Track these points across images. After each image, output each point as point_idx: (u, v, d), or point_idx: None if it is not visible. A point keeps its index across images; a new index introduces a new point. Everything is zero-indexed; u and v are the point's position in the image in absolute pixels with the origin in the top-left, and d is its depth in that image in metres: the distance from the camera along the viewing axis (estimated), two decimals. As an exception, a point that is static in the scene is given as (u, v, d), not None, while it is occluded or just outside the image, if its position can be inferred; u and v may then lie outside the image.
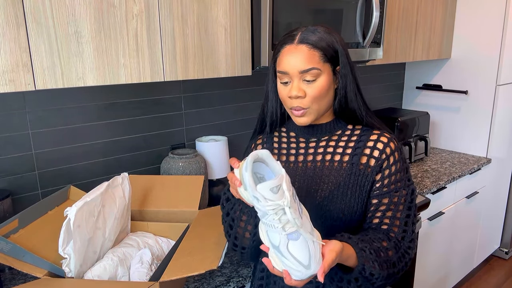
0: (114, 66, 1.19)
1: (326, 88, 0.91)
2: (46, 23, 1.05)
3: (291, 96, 0.91)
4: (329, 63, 0.91)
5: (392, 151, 0.95)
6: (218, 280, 1.22)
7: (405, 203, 0.94)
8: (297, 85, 0.90)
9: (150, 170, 1.74)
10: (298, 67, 0.89)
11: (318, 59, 0.89)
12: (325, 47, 0.90)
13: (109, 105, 1.58)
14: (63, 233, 1.04)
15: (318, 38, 0.90)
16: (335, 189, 0.93)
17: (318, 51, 0.89)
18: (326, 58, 0.90)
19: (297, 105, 0.91)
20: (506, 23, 2.32)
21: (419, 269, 2.16)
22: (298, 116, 0.93)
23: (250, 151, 1.08)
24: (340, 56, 0.92)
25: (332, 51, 0.91)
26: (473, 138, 2.58)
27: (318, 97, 0.91)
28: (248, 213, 0.93)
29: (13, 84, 1.03)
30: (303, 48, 0.89)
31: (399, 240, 0.92)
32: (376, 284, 0.87)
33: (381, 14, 1.80)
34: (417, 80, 2.81)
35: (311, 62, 0.89)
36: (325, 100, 0.93)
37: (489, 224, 2.76)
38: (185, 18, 1.30)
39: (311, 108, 0.92)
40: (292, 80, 0.91)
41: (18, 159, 1.40)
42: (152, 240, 1.31)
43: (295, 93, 0.90)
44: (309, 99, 0.91)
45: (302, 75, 0.89)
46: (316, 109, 0.93)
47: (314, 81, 0.90)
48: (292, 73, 0.90)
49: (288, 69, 0.90)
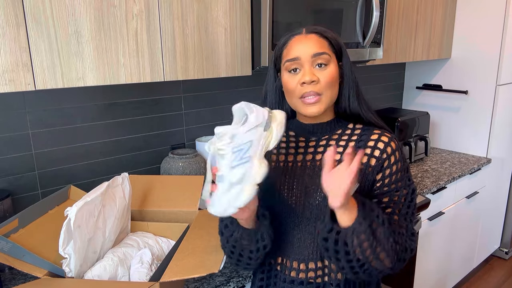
0: (114, 66, 1.19)
1: (335, 77, 0.92)
2: (46, 23, 1.05)
3: (305, 81, 0.89)
4: (335, 54, 0.93)
5: (393, 150, 0.95)
6: (218, 280, 1.22)
7: (405, 202, 0.94)
8: (309, 70, 0.89)
9: (150, 170, 1.74)
10: (310, 51, 0.89)
11: (328, 47, 0.92)
12: (332, 38, 0.93)
13: (109, 105, 1.58)
14: (63, 233, 1.03)
15: (324, 30, 0.93)
16: None
17: (326, 40, 0.92)
18: (333, 48, 0.92)
19: (311, 90, 0.89)
20: (506, 23, 2.32)
21: (419, 269, 2.16)
22: (310, 103, 0.90)
23: None
24: (344, 52, 0.95)
25: (338, 44, 0.94)
26: (473, 138, 2.58)
27: (331, 82, 0.90)
28: (249, 238, 0.92)
29: (13, 84, 1.03)
30: (313, 36, 0.91)
31: (401, 228, 0.91)
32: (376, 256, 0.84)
33: (381, 14, 1.80)
34: (417, 80, 2.81)
35: (323, 47, 0.90)
36: (335, 89, 0.93)
37: (489, 224, 2.76)
38: (185, 18, 1.30)
39: (325, 95, 0.90)
40: (303, 66, 0.90)
41: (18, 159, 1.40)
42: (152, 240, 1.31)
43: (309, 78, 0.88)
44: (323, 84, 0.89)
45: (314, 59, 0.89)
46: (329, 97, 0.91)
47: (326, 66, 0.90)
48: (304, 58, 0.89)
49: (300, 53, 0.90)
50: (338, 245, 0.84)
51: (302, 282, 0.96)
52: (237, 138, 0.79)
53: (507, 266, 2.93)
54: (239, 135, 0.80)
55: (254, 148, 0.80)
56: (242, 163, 0.79)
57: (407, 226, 0.93)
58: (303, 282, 0.96)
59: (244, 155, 0.79)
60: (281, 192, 0.97)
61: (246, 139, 0.79)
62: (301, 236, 0.96)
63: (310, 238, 0.96)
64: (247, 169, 0.79)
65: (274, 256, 1.01)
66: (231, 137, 0.79)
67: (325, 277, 0.96)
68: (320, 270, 0.96)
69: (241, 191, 0.79)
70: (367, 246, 0.82)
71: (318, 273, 0.96)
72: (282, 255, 0.99)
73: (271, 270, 1.02)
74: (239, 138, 0.79)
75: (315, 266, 0.96)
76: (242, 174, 0.79)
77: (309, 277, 0.96)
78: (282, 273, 0.99)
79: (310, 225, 0.95)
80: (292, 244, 0.97)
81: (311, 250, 0.95)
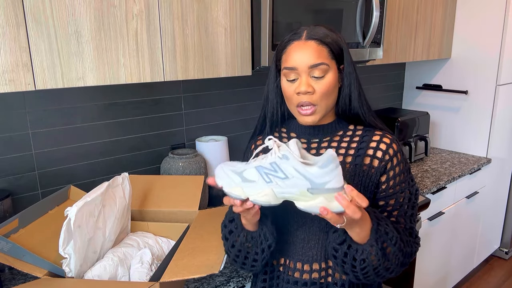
0: (114, 66, 1.19)
1: (334, 85, 0.91)
2: (46, 22, 1.05)
3: (300, 92, 0.89)
4: (335, 60, 0.91)
5: (395, 152, 0.95)
6: (218, 280, 1.22)
7: (409, 203, 0.95)
8: (305, 80, 0.89)
9: (150, 170, 1.74)
10: (307, 62, 0.88)
11: (327, 55, 0.89)
12: (332, 43, 0.90)
13: (109, 105, 1.58)
14: (63, 233, 1.03)
15: (324, 34, 0.90)
16: None
17: (326, 47, 0.90)
18: (333, 54, 0.90)
19: (306, 100, 0.89)
20: (506, 23, 2.32)
21: (419, 269, 2.16)
22: (306, 114, 0.91)
23: (250, 151, 1.07)
24: (345, 53, 0.93)
25: (338, 48, 0.91)
26: (473, 138, 2.58)
27: (326, 93, 0.90)
28: (253, 241, 0.93)
29: (13, 84, 1.03)
30: (312, 43, 0.89)
31: (408, 234, 0.93)
32: (389, 265, 0.86)
33: (381, 14, 1.80)
34: (417, 80, 2.81)
35: (320, 57, 0.88)
36: (331, 97, 0.92)
37: (489, 224, 2.76)
38: (185, 18, 1.30)
39: (320, 105, 0.91)
40: (300, 76, 0.90)
41: (18, 159, 1.40)
42: (152, 240, 1.31)
43: (304, 89, 0.88)
44: (319, 95, 0.89)
45: (310, 70, 0.89)
46: (324, 107, 0.92)
47: (323, 77, 0.89)
48: (301, 69, 0.89)
49: (297, 64, 0.89)
50: (347, 257, 0.85)
51: (306, 283, 0.96)
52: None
53: (507, 266, 2.93)
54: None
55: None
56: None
57: (411, 229, 0.94)
58: (306, 283, 0.96)
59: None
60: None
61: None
62: (305, 237, 0.96)
63: (314, 239, 0.95)
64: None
65: (277, 257, 1.01)
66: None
67: (328, 277, 0.96)
68: (324, 271, 0.96)
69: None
70: (376, 263, 0.84)
71: (322, 274, 0.96)
72: (286, 256, 0.99)
73: (274, 271, 1.02)
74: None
75: (319, 267, 0.96)
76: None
77: (313, 278, 0.96)
78: (285, 274, 0.99)
79: (314, 226, 0.95)
80: (296, 245, 0.97)
81: (315, 251, 0.95)
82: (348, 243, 0.84)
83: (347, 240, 0.84)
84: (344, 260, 0.86)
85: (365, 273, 0.86)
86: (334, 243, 0.86)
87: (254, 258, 0.96)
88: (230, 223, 0.96)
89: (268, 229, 0.91)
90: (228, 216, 0.98)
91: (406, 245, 0.90)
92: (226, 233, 0.97)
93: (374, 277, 0.87)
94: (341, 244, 0.85)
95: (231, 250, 0.97)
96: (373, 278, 0.88)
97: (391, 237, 0.84)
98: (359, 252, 0.83)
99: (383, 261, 0.84)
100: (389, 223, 0.87)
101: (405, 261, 0.91)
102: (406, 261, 0.91)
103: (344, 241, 0.85)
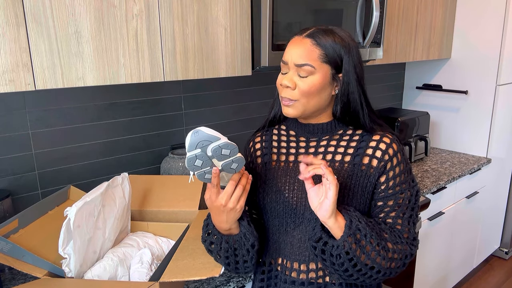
0: (114, 66, 1.19)
1: (318, 88, 0.90)
2: (46, 23, 1.05)
3: (282, 84, 0.92)
4: (328, 65, 0.90)
5: (395, 152, 0.94)
6: (218, 280, 1.22)
7: (409, 204, 0.94)
8: (290, 76, 0.91)
9: (150, 170, 1.74)
10: (295, 60, 0.90)
11: (316, 57, 0.89)
12: (329, 48, 0.89)
13: (109, 105, 1.58)
14: (63, 233, 1.03)
15: (325, 39, 0.89)
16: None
17: (320, 49, 0.89)
18: (326, 58, 0.89)
19: (285, 96, 0.92)
20: (506, 23, 2.32)
21: (419, 269, 2.16)
22: (285, 105, 0.93)
23: (248, 148, 1.08)
24: (344, 64, 0.90)
25: (336, 57, 0.90)
26: (473, 138, 2.58)
27: (307, 93, 0.90)
28: (236, 243, 0.94)
29: (13, 84, 1.03)
30: (307, 42, 0.89)
31: (402, 236, 0.92)
32: (369, 270, 0.87)
33: (381, 14, 1.80)
34: (417, 80, 2.81)
35: (307, 59, 0.89)
36: (315, 99, 0.91)
37: (489, 224, 2.76)
38: (185, 18, 1.30)
39: (299, 102, 0.91)
40: (289, 71, 0.92)
41: (18, 159, 1.40)
42: (152, 240, 1.31)
43: (286, 83, 0.91)
44: (298, 92, 0.90)
45: (297, 68, 0.90)
46: (304, 104, 0.91)
47: (306, 77, 0.90)
48: (290, 64, 0.91)
49: (288, 59, 0.91)
50: (325, 254, 0.87)
51: (303, 282, 0.96)
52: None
53: (507, 266, 2.93)
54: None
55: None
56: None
57: (409, 231, 0.93)
58: (304, 282, 0.96)
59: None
60: (282, 193, 0.97)
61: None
62: (302, 237, 0.96)
63: None
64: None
65: (274, 256, 1.01)
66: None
67: (326, 277, 0.96)
68: (321, 270, 0.96)
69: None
70: (355, 260, 0.85)
71: (319, 274, 0.96)
72: (283, 256, 0.99)
73: (271, 270, 1.02)
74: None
75: (315, 266, 0.96)
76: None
77: (310, 277, 0.96)
78: (282, 273, 0.99)
79: (310, 226, 0.95)
80: (293, 245, 0.97)
81: (311, 251, 0.95)
82: (324, 240, 0.87)
83: (323, 237, 0.87)
84: (323, 257, 0.88)
85: (345, 270, 0.87)
86: (312, 241, 0.89)
87: (244, 260, 0.97)
88: (209, 236, 0.98)
89: (247, 230, 0.93)
90: (204, 230, 0.99)
91: (396, 245, 0.89)
92: (208, 247, 0.99)
93: (359, 276, 0.87)
94: (317, 242, 0.88)
95: (219, 259, 0.99)
96: (359, 277, 0.88)
97: (365, 234, 0.85)
98: (334, 248, 0.85)
99: (363, 258, 0.85)
100: (367, 221, 0.88)
101: (399, 262, 0.90)
102: (400, 262, 0.90)
103: (320, 239, 0.88)
